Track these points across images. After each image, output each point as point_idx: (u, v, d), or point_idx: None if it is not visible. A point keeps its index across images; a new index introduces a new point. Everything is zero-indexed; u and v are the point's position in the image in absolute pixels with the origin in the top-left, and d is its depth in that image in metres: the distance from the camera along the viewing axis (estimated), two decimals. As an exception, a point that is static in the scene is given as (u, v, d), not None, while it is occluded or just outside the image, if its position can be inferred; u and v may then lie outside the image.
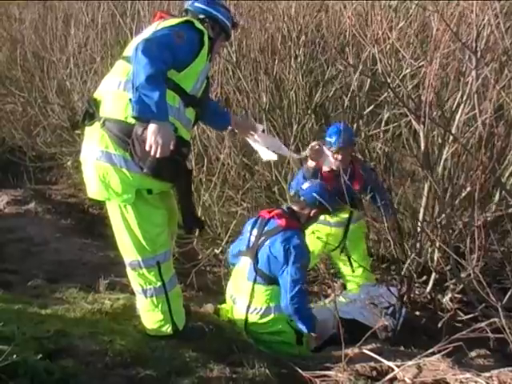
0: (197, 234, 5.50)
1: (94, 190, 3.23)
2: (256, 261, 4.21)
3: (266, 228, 4.27)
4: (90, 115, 3.17)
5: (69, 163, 8.17)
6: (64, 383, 2.59)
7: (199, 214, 4.48)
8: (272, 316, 4.19)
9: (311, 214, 4.39)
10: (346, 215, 5.12)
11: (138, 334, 3.35)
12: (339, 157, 4.89)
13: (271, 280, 4.17)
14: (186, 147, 3.27)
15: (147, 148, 2.95)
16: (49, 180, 8.49)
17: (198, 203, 5.68)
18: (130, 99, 2.96)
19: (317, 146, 4.89)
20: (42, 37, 8.33)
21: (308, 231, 4.69)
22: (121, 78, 3.14)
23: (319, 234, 5.13)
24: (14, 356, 2.44)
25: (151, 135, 2.93)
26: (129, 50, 3.20)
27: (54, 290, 4.19)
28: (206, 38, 3.21)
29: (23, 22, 8.92)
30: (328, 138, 4.93)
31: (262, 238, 4.24)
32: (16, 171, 7.98)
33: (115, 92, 3.13)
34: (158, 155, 2.95)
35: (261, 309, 4.19)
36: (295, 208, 4.42)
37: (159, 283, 3.30)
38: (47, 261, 5.26)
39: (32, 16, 8.92)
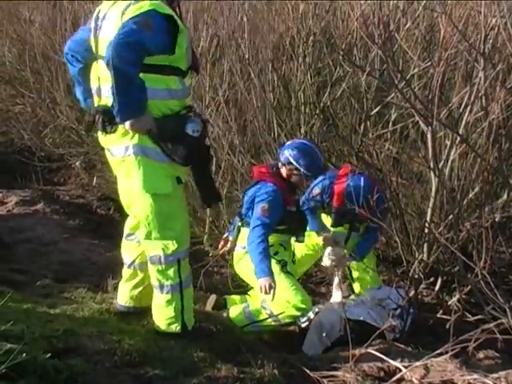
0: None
1: (132, 186, 3.29)
2: (240, 211, 4.69)
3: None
4: (110, 122, 3.20)
5: (77, 164, 8.19)
6: (72, 382, 2.60)
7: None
8: None
9: (287, 172, 4.59)
10: (345, 230, 5.17)
11: (146, 333, 3.36)
12: None
13: None
14: (206, 127, 3.36)
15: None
16: (57, 181, 8.50)
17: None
18: (112, 105, 3.04)
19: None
20: (50, 38, 8.36)
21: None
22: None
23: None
24: (24, 355, 2.45)
25: (129, 127, 3.08)
26: (103, 49, 3.16)
27: (62, 290, 4.21)
28: (176, 19, 3.13)
29: (33, 23, 8.95)
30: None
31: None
32: (24, 172, 7.99)
33: None
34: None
35: (245, 247, 4.46)
36: (279, 165, 4.65)
37: (177, 280, 3.34)
38: (55, 261, 5.29)
39: (41, 17, 8.95)
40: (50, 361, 2.63)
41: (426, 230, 4.47)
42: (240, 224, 4.69)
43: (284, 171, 4.59)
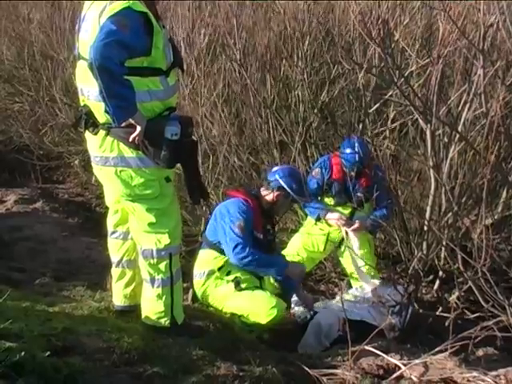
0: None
1: (119, 193, 3.32)
2: (204, 230, 4.48)
3: None
4: (92, 124, 3.21)
5: (76, 162, 8.18)
6: (71, 380, 2.59)
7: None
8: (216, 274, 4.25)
9: (274, 198, 4.42)
10: (347, 211, 5.17)
11: (145, 331, 3.36)
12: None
13: (213, 245, 4.30)
14: (191, 126, 3.34)
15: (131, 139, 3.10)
16: (56, 179, 8.50)
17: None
18: (106, 111, 3.03)
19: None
20: (49, 36, 8.35)
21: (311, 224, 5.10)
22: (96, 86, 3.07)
23: (321, 226, 5.20)
24: (22, 353, 2.45)
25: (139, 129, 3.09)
26: (85, 51, 3.12)
27: (61, 288, 4.22)
28: (151, 17, 3.09)
29: (32, 21, 8.94)
30: (345, 162, 5.02)
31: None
32: (23, 170, 7.99)
33: (101, 105, 3.10)
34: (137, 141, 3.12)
35: (203, 272, 4.28)
36: (261, 190, 4.51)
37: (168, 274, 3.36)
38: (54, 259, 5.28)
39: (40, 15, 8.94)
40: (49, 359, 2.61)
41: (426, 228, 4.47)
42: (201, 241, 4.47)
43: (270, 196, 4.43)
